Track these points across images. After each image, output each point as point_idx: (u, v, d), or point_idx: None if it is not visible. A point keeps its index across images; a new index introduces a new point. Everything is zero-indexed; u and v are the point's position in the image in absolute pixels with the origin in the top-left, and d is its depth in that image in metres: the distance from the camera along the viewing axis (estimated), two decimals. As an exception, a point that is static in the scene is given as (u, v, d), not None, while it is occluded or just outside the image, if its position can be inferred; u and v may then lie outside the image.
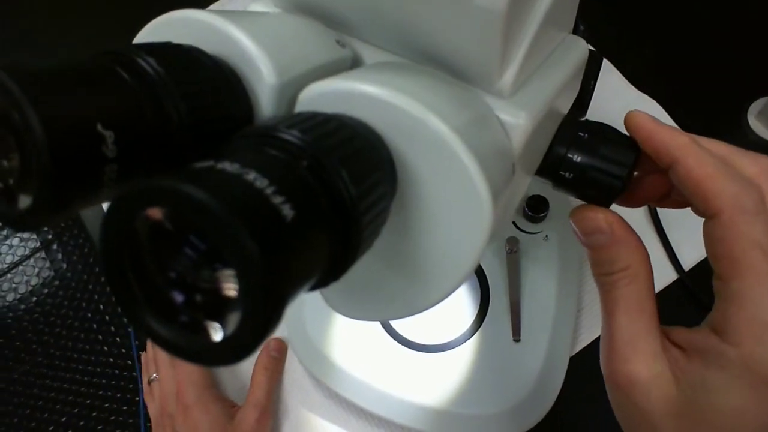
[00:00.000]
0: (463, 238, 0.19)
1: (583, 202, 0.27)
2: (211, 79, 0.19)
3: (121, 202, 0.13)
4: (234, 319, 0.13)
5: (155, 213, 0.13)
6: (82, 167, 0.16)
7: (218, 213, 0.12)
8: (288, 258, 0.13)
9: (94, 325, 0.59)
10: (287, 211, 0.13)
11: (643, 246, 0.25)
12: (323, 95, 0.19)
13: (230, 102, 0.20)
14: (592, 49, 0.49)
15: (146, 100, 0.17)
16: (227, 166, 0.14)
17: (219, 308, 0.13)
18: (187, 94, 0.18)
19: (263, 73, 0.20)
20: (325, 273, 0.16)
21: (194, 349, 0.14)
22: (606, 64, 0.63)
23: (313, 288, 0.16)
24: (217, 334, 0.14)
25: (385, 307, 0.22)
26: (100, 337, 0.58)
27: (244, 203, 0.13)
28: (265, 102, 0.20)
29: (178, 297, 0.14)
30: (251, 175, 0.14)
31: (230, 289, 0.13)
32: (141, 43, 0.19)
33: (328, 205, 0.15)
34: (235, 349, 0.13)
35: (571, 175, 0.26)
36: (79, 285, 0.61)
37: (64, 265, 0.62)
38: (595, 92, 0.45)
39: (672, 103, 0.60)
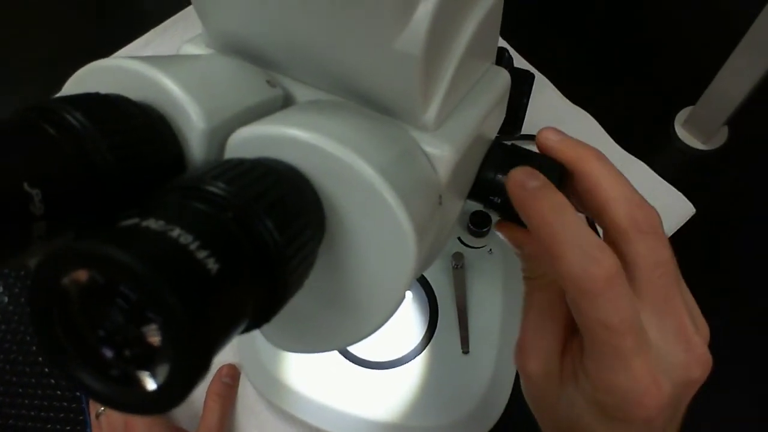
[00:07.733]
0: (390, 272, 0.20)
1: None
2: (139, 128, 0.20)
3: (45, 267, 0.14)
4: (163, 370, 0.14)
5: (81, 275, 0.14)
6: (8, 227, 0.16)
7: (141, 273, 0.13)
8: (214, 311, 0.14)
9: (39, 359, 0.57)
10: (212, 264, 0.14)
11: None
12: (250, 140, 0.20)
13: (160, 149, 0.20)
14: (528, 69, 0.51)
15: (73, 154, 0.18)
16: (152, 223, 0.14)
17: (149, 359, 0.14)
18: (114, 145, 0.18)
19: (192, 118, 0.21)
20: (255, 317, 0.16)
21: (127, 401, 0.14)
22: (541, 78, 0.66)
23: (244, 331, 0.17)
24: (149, 384, 0.14)
25: (321, 340, 0.22)
26: (46, 369, 0.57)
27: (167, 262, 0.13)
28: (196, 147, 0.21)
29: (108, 353, 0.14)
30: (176, 232, 0.14)
31: (158, 341, 0.14)
32: (66, 95, 0.19)
33: (254, 254, 0.16)
34: (165, 399, 0.14)
35: (500, 200, 0.27)
36: (23, 318, 0.60)
37: (6, 299, 0.61)
38: (530, 105, 0.47)
39: (603, 115, 0.63)
